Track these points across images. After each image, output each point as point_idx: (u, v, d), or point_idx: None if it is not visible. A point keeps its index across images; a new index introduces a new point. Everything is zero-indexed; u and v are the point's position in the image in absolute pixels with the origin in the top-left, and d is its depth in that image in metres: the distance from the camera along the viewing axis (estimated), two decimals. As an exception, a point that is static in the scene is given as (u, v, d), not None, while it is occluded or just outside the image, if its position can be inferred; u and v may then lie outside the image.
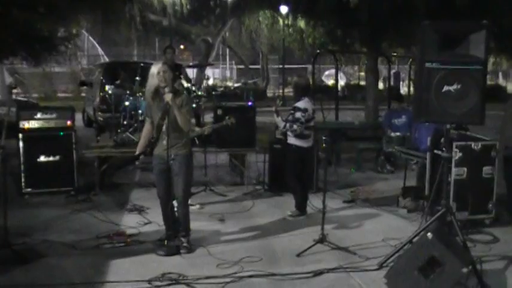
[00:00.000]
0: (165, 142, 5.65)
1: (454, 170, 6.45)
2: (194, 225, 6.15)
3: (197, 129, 7.73)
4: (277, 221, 7.13)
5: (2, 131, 5.65)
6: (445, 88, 5.04)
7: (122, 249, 5.90)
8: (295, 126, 7.05)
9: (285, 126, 7.19)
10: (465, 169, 6.54)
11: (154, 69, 5.65)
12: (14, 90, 11.42)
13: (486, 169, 6.63)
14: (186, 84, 9.58)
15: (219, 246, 6.01)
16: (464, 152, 6.52)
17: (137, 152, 6.07)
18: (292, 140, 7.20)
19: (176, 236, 5.90)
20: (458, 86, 5.04)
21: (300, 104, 7.11)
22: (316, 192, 8.08)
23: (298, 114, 7.05)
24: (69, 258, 5.65)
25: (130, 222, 6.83)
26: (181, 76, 10.12)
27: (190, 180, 6.01)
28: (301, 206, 7.26)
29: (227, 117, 7.87)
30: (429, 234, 4.65)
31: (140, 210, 7.37)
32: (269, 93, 33.86)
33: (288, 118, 7.21)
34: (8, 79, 26.24)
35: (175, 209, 5.93)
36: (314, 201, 7.30)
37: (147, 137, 5.99)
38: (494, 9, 9.97)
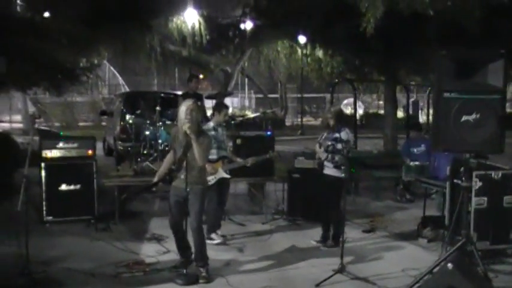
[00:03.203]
0: (183, 176, 5.78)
1: (474, 199, 6.39)
2: (212, 254, 6.17)
3: (238, 160, 7.77)
4: (296, 250, 7.10)
5: (26, 160, 5.75)
6: (464, 118, 5.05)
7: (140, 278, 5.92)
8: (336, 158, 7.00)
9: (327, 157, 7.11)
10: (485, 198, 6.47)
11: (184, 106, 5.82)
12: (37, 120, 11.61)
13: (507, 198, 6.55)
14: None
15: (238, 276, 6.01)
16: (484, 181, 6.46)
17: (156, 180, 6.19)
18: (331, 171, 7.11)
19: (189, 263, 5.94)
20: (477, 116, 5.05)
21: (342, 135, 7.00)
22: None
23: (339, 146, 6.97)
24: (88, 287, 5.70)
25: (149, 251, 6.86)
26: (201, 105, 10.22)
27: (203, 210, 6.09)
28: (336, 237, 7.15)
29: (270, 151, 8.01)
30: (449, 265, 4.62)
31: (159, 239, 7.39)
32: (287, 122, 33.91)
33: (328, 149, 7.13)
34: (31, 109, 26.73)
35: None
36: (332, 231, 7.28)
37: (167, 166, 6.13)
38: (509, 35, 9.96)
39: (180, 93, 13.14)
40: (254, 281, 5.84)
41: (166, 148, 8.66)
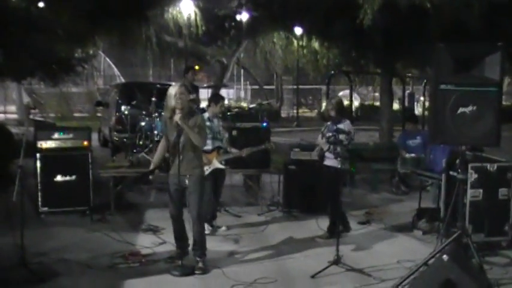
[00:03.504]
0: (178, 162, 5.75)
1: (469, 191, 6.41)
2: (208, 245, 6.16)
3: (234, 150, 7.76)
4: (291, 241, 7.12)
5: (21, 151, 5.73)
6: (460, 110, 5.05)
7: (136, 269, 5.93)
8: (338, 149, 6.96)
9: (328, 148, 7.10)
10: (481, 191, 6.49)
11: (172, 90, 5.77)
12: (33, 111, 11.54)
13: (502, 191, 6.57)
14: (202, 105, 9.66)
15: (234, 267, 6.02)
16: (480, 174, 6.48)
17: (151, 167, 6.18)
18: (332, 162, 7.05)
19: (186, 254, 5.95)
20: (474, 108, 5.05)
21: (343, 126, 7.01)
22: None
23: (341, 137, 6.92)
24: (84, 277, 5.69)
25: (145, 242, 6.86)
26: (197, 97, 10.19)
27: (203, 199, 6.06)
28: (332, 228, 7.17)
29: (266, 142, 7.99)
30: (445, 257, 4.63)
31: (155, 230, 7.40)
32: (283, 114, 33.92)
33: (329, 140, 7.10)
34: (26, 99, 26.59)
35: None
36: (327, 223, 7.30)
37: (162, 153, 6.13)
38: (508, 30, 9.97)
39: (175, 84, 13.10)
40: (250, 272, 5.85)
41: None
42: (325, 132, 7.22)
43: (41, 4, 12.31)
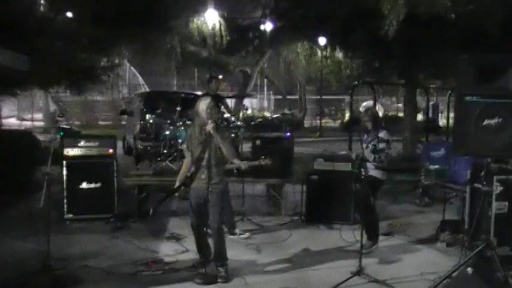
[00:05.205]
0: (203, 176, 5.81)
1: (494, 204, 6.33)
2: (231, 254, 6.19)
3: (236, 161, 7.77)
4: (313, 252, 7.10)
5: (48, 158, 5.83)
6: (486, 121, 5.01)
7: (159, 277, 5.97)
8: (382, 157, 7.04)
9: (374, 158, 7.07)
10: (506, 203, 6.40)
11: (203, 105, 5.85)
12: (61, 119, 11.70)
13: (528, 204, 6.48)
14: (226, 115, 9.70)
15: (256, 277, 6.03)
16: (506, 186, 6.39)
17: (177, 184, 6.20)
18: (373, 172, 7.10)
19: (208, 262, 5.97)
20: (499, 120, 5.01)
21: (383, 135, 7.09)
22: (353, 224, 8.01)
23: (382, 145, 7.03)
24: (107, 284, 5.76)
25: (167, 250, 6.91)
26: (222, 106, 10.25)
27: (223, 210, 6.11)
28: (373, 236, 7.20)
29: (262, 157, 7.94)
30: (469, 270, 4.59)
31: (178, 238, 7.44)
32: (306, 124, 33.90)
33: (371, 150, 7.12)
34: (52, 107, 27.00)
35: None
36: (350, 234, 7.28)
37: (187, 169, 6.12)
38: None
39: (200, 93, 13.21)
40: (272, 281, 5.86)
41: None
42: (366, 143, 7.20)
43: (69, 14, 12.50)
